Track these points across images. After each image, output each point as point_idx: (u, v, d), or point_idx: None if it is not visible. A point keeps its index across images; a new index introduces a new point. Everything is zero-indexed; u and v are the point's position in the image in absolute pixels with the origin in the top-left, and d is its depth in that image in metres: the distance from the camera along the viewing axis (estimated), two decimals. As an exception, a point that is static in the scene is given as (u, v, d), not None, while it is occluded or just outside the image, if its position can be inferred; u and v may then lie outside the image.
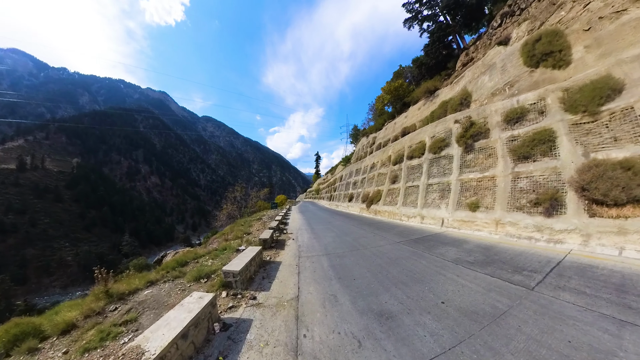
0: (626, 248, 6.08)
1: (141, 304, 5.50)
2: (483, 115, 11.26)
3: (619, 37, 8.15)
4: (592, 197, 7.05)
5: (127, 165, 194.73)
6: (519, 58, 11.19)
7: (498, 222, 8.91)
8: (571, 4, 10.05)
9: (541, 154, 8.74)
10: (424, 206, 12.83)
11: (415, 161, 14.75)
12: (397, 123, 22.71)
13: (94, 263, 13.11)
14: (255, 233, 13.70)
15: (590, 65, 8.59)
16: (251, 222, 18.87)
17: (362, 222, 15.51)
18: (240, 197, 44.13)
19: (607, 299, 4.17)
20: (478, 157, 10.91)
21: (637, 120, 7.09)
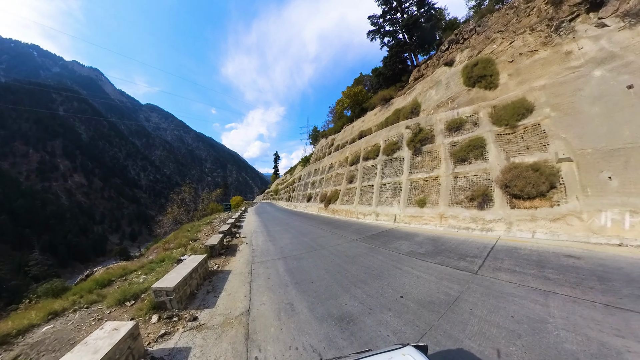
0: (537, 231, 7.48)
1: (35, 346, 4.07)
2: (430, 123, 12.38)
3: (531, 70, 10.07)
4: (512, 192, 8.32)
5: (37, 159, 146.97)
6: (460, 78, 12.83)
7: (442, 215, 9.83)
8: (501, 40, 11.94)
9: (475, 158, 9.97)
10: (378, 204, 13.43)
11: (370, 162, 15.41)
12: (354, 126, 23.60)
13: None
14: (203, 239, 12.32)
15: (512, 89, 10.31)
16: (200, 226, 16.98)
17: (320, 221, 15.51)
18: (189, 199, 39.80)
19: (532, 274, 4.91)
20: (425, 159, 11.91)
21: (542, 134, 8.67)
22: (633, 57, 7.83)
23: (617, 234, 6.40)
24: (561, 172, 7.77)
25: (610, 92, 7.82)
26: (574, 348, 2.91)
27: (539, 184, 7.84)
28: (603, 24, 9.04)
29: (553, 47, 9.79)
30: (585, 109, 8.12)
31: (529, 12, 11.33)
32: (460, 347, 3.12)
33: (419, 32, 22.31)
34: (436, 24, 22.04)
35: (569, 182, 7.60)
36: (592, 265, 5.11)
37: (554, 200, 7.66)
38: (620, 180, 6.92)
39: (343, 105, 28.28)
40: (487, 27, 13.10)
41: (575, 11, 9.80)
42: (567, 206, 7.33)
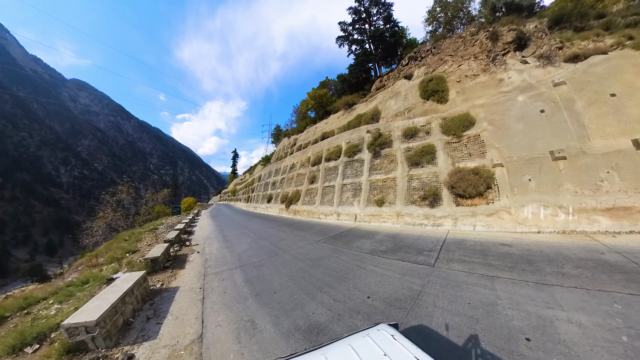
0: (477, 225, 8.56)
1: None
2: (388, 129, 13.04)
3: (474, 91, 11.61)
4: (457, 192, 9.22)
5: None
6: (417, 91, 13.98)
7: (399, 214, 10.35)
8: (451, 62, 13.50)
9: (427, 162, 10.80)
10: (339, 204, 13.53)
11: (332, 163, 15.51)
12: (318, 127, 23.60)
13: None
14: (145, 250, 10.14)
15: (458, 105, 11.66)
16: (141, 234, 14.18)
17: (281, 223, 14.90)
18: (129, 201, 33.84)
19: (478, 262, 5.46)
20: (383, 162, 12.46)
21: (481, 143, 9.90)
22: (544, 89, 9.68)
23: (536, 224, 7.75)
24: (495, 176, 8.97)
25: (529, 114, 9.45)
26: (520, 324, 3.28)
27: (478, 185, 8.88)
28: (525, 61, 11.05)
29: (490, 74, 11.51)
30: (512, 125, 9.61)
31: (474, 43, 13.07)
32: (430, 338, 3.21)
33: (383, 45, 23.73)
34: (399, 40, 23.85)
35: (501, 184, 8.81)
36: (521, 250, 5.98)
37: (490, 199, 8.78)
38: (537, 182, 8.35)
39: (307, 106, 28.00)
40: (441, 50, 14.64)
41: (507, 48, 11.78)
42: (499, 203, 8.53)
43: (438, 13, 21.92)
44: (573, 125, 8.64)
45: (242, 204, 40.33)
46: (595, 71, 9.07)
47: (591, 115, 8.52)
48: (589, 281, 4.23)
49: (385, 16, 24.27)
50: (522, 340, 2.97)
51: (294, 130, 31.97)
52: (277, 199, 21.93)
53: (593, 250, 5.66)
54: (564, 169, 8.16)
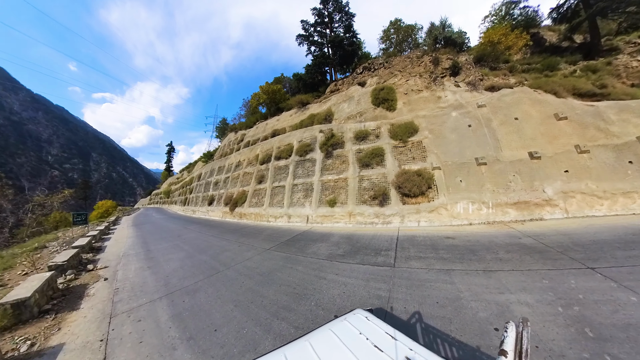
0: (420, 221, 9.06)
1: None
2: (341, 131, 12.94)
3: (418, 103, 12.79)
4: (403, 192, 9.58)
5: None
6: (369, 97, 14.53)
7: (351, 213, 10.12)
8: (400, 77, 14.73)
9: (376, 164, 10.99)
10: (290, 205, 12.60)
11: (282, 162, 14.52)
12: (268, 124, 22.14)
13: None
14: (13, 284, 6.44)
15: (405, 114, 12.55)
16: (16, 258, 9.05)
17: (225, 229, 12.86)
18: (6, 207, 24.22)
19: (432, 257, 5.53)
20: (335, 162, 12.21)
21: (423, 149, 10.66)
22: (471, 108, 11.25)
23: (466, 217, 8.80)
24: (434, 177, 9.70)
25: (460, 127, 10.77)
26: (485, 315, 3.24)
27: (421, 185, 9.41)
28: (458, 85, 12.93)
29: (431, 91, 13.04)
30: (447, 135, 10.72)
31: (419, 64, 14.82)
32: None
33: (341, 52, 24.35)
34: (356, 50, 24.90)
35: (439, 184, 9.58)
36: (463, 242, 6.46)
37: (430, 197, 9.44)
38: (466, 182, 9.42)
39: (259, 100, 25.92)
40: (392, 65, 15.89)
41: (444, 73, 13.71)
42: (438, 201, 9.29)
43: (392, 34, 24.09)
44: (491, 138, 10.18)
45: (177, 208, 34.40)
46: (505, 100, 11.06)
47: (502, 132, 10.22)
48: (520, 263, 4.78)
49: (347, 25, 24.98)
50: (492, 331, 2.94)
51: (242, 125, 29.09)
52: (220, 201, 19.39)
53: (513, 236, 6.63)
54: (485, 172, 9.45)
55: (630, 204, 8.10)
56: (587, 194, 8.50)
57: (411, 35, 22.56)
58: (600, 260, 4.66)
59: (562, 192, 8.61)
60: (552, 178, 8.93)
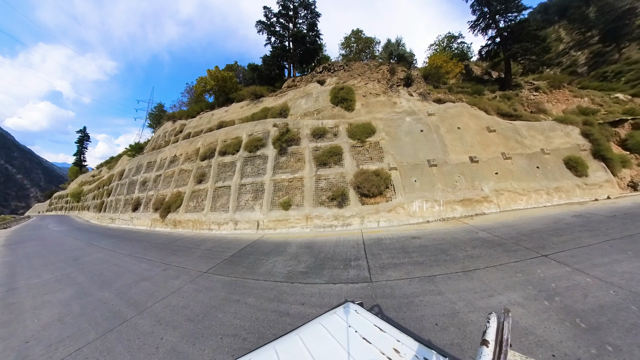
0: (380, 221, 8.58)
1: None
2: (297, 126, 11.74)
3: (375, 106, 12.65)
4: (362, 192, 8.95)
5: None
6: (328, 96, 13.73)
7: (308, 217, 8.92)
8: (360, 79, 14.54)
9: (334, 163, 10.17)
10: (237, 209, 10.59)
11: (228, 158, 12.34)
12: (215, 115, 18.98)
13: None
14: None
15: (363, 115, 12.20)
16: None
17: (150, 243, 9.69)
18: None
19: (407, 262, 4.88)
20: (290, 160, 10.90)
21: (380, 149, 10.37)
22: (422, 116, 11.68)
23: (422, 215, 8.81)
24: (391, 177, 9.42)
25: (414, 131, 10.94)
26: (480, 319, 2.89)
27: (379, 185, 8.96)
28: (411, 94, 13.52)
29: (388, 97, 13.22)
30: (402, 138, 10.75)
31: (378, 71, 15.13)
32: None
33: (302, 49, 22.95)
34: (317, 50, 23.95)
35: (396, 184, 9.32)
36: (430, 241, 6.12)
37: (388, 197, 9.08)
38: (420, 182, 9.46)
39: (206, 86, 21.99)
40: (352, 69, 15.75)
41: (400, 82, 14.26)
42: (396, 200, 8.99)
43: (352, 42, 24.52)
44: (439, 143, 10.63)
45: (91, 215, 25.84)
46: (450, 112, 11.92)
47: (449, 139, 10.83)
48: (490, 258, 4.73)
49: (311, 23, 23.75)
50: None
51: (182, 113, 23.97)
52: (149, 205, 15.45)
53: (470, 231, 6.79)
54: (436, 173, 9.71)
55: (539, 199, 9.81)
56: (512, 192, 9.74)
57: (370, 46, 23.53)
58: (547, 248, 5.19)
59: (495, 190, 9.60)
60: (487, 179, 9.83)
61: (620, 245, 5.20)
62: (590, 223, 6.90)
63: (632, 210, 8.06)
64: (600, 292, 3.39)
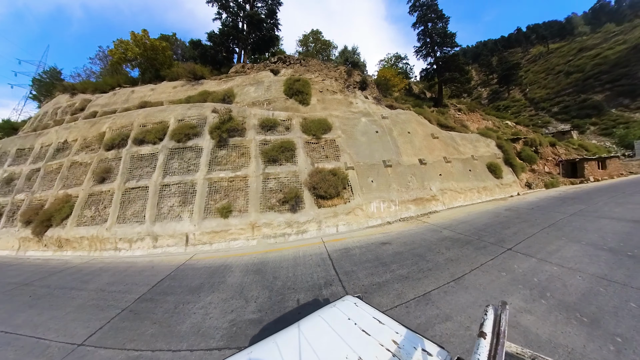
0: (339, 225, 7.56)
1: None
2: (243, 115, 9.78)
3: (332, 103, 11.86)
4: (318, 193, 7.75)
5: None
6: (281, 86, 12.14)
7: (254, 225, 7.11)
8: (318, 74, 13.58)
9: (286, 160, 8.70)
10: (157, 219, 7.81)
11: (147, 148, 9.26)
12: (137, 92, 14.41)
13: None
14: None
15: (318, 110, 11.17)
16: None
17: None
18: None
19: (391, 279, 3.91)
20: (231, 154, 8.86)
21: (336, 147, 9.51)
22: (377, 118, 11.51)
23: (380, 216, 8.29)
24: (349, 177, 8.58)
25: (369, 132, 10.53)
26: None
27: (337, 186, 7.97)
28: (367, 97, 13.39)
29: (345, 96, 12.68)
30: (359, 137, 10.18)
31: (336, 70, 14.62)
32: None
33: (257, 34, 20.27)
34: (273, 39, 21.60)
35: (353, 184, 8.51)
36: (402, 246, 5.42)
37: (346, 198, 8.18)
38: (377, 182, 8.94)
39: (127, 53, 16.42)
40: (309, 65, 14.60)
41: (355, 85, 13.96)
42: (354, 201, 8.18)
43: (311, 41, 23.42)
44: (393, 145, 10.50)
45: None
46: (401, 117, 12.17)
47: (401, 142, 10.85)
48: (469, 260, 4.45)
49: (270, 9, 21.21)
50: None
51: (88, 85, 16.69)
52: (16, 216, 10.38)
53: (434, 231, 6.53)
54: (391, 174, 9.40)
55: (473, 197, 10.78)
56: (453, 191, 10.36)
57: (327, 49, 23.10)
58: (506, 241, 5.40)
59: (440, 190, 10.01)
60: (434, 179, 10.18)
61: (553, 232, 5.93)
62: (521, 215, 7.74)
63: (539, 203, 9.67)
64: (571, 279, 3.65)
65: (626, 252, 4.59)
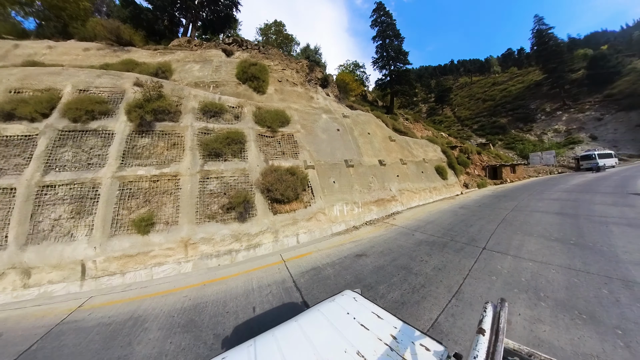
0: (299, 233, 6.26)
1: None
2: (179, 94, 7.63)
3: (291, 95, 10.58)
4: (274, 196, 6.42)
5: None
6: (234, 69, 10.13)
7: (188, 242, 5.26)
8: (278, 62, 12.00)
9: (232, 154, 7.07)
10: (30, 240, 5.07)
11: (18, 127, 6.11)
12: (23, 47, 9.06)
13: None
14: None
15: (276, 101, 9.70)
16: None
17: None
18: None
19: (387, 308, 2.69)
20: (157, 144, 6.69)
21: (295, 143, 8.34)
22: (338, 116, 10.83)
23: (343, 220, 7.51)
24: (309, 177, 7.49)
25: (330, 129, 9.72)
26: None
27: (296, 187, 6.79)
28: (328, 94, 12.67)
29: (306, 90, 11.57)
30: (319, 134, 9.22)
31: (298, 63, 13.49)
32: None
33: (212, 10, 16.96)
34: (231, 20, 18.60)
35: (314, 185, 7.46)
36: (380, 258, 4.73)
37: (306, 202, 7.08)
38: (339, 183, 8.13)
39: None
40: (268, 53, 12.90)
41: (317, 81, 13.04)
42: (316, 205, 7.16)
43: (272, 32, 21.40)
44: (354, 145, 9.92)
45: None
46: (361, 118, 11.83)
47: (361, 142, 10.40)
48: (455, 266, 4.17)
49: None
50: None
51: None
52: None
53: (407, 234, 6.15)
54: (353, 174, 8.74)
55: (426, 196, 11.20)
56: (409, 191, 10.46)
57: (289, 44, 21.68)
58: (477, 240, 5.36)
59: (399, 190, 9.94)
60: (392, 180, 10.05)
61: (508, 227, 6.21)
62: (475, 212, 8.13)
63: (481, 200, 10.65)
64: (548, 273, 3.73)
65: (569, 241, 5.02)
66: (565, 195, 10.26)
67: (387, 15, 25.83)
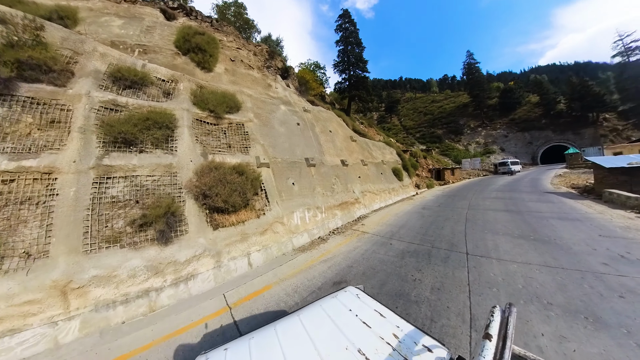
0: (251, 252, 4.95)
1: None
2: (75, 48, 5.17)
3: (245, 79, 8.84)
4: (214, 205, 4.83)
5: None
6: (173, 35, 7.79)
7: (66, 287, 3.21)
8: (233, 39, 10.17)
9: (154, 144, 5.13)
10: None
11: None
12: None
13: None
14: None
15: (225, 83, 7.84)
16: None
17: None
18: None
19: None
20: (22, 119, 4.23)
21: (245, 135, 6.82)
22: (298, 109, 9.69)
23: (305, 228, 6.42)
24: (262, 178, 6.08)
25: (289, 122, 8.48)
26: None
27: (245, 191, 5.32)
28: (288, 85, 11.25)
29: (263, 75, 9.93)
30: (277, 127, 7.87)
31: (257, 47, 11.85)
32: None
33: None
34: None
35: (269, 188, 6.12)
36: (369, 285, 3.81)
37: (259, 209, 5.66)
38: (299, 185, 7.01)
39: None
40: (224, 30, 10.46)
41: (277, 70, 11.59)
42: (271, 213, 5.82)
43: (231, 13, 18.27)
44: (316, 142, 8.91)
45: None
46: (322, 114, 10.99)
47: (323, 139, 9.47)
48: (452, 280, 3.81)
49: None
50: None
51: None
52: None
53: (384, 244, 5.58)
54: (315, 174, 7.75)
55: (386, 197, 11.08)
56: (371, 192, 10.12)
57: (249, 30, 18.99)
58: (456, 245, 5.13)
59: (361, 192, 9.47)
60: (355, 182, 9.51)
61: (474, 227, 6.24)
62: (439, 213, 8.34)
63: (437, 200, 11.04)
64: (536, 274, 3.69)
65: (529, 237, 5.21)
66: (501, 194, 11.38)
67: (352, 23, 26.44)
